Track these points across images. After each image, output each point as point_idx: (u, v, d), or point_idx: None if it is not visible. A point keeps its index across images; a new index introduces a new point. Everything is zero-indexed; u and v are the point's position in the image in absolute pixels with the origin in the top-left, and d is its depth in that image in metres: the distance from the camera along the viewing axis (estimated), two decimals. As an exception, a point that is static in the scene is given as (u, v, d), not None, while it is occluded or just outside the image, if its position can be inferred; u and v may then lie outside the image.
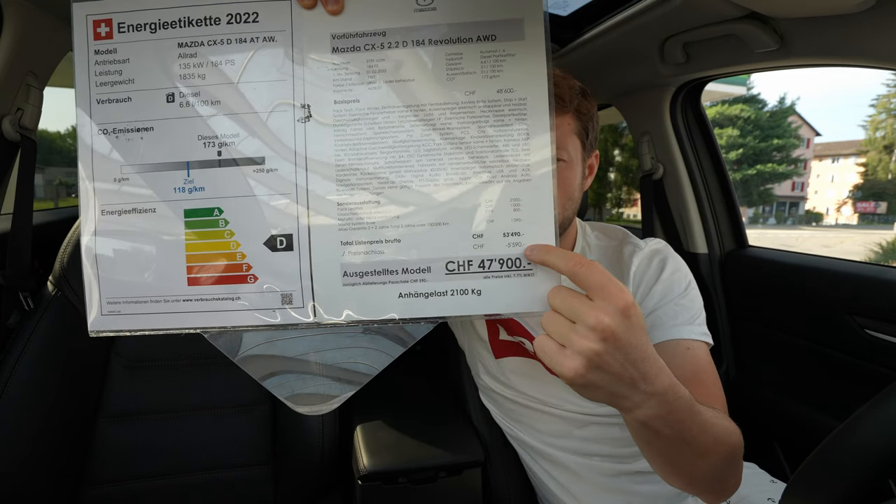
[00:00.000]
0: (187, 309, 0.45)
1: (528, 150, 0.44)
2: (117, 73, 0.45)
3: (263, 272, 0.45)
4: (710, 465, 0.49)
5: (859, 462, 0.42)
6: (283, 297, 0.45)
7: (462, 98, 0.45)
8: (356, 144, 0.44)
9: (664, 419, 0.43)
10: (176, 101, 0.45)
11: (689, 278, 0.72)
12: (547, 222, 0.44)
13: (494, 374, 0.85)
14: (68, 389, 0.82)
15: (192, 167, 0.45)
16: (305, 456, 0.89)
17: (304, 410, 0.50)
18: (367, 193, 0.45)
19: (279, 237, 0.45)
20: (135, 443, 0.88)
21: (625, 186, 9.29)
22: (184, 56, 0.45)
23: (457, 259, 0.45)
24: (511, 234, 0.45)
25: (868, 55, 0.74)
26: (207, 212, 0.45)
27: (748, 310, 1.21)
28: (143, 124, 0.45)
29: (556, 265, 0.42)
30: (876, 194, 23.20)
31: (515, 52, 0.44)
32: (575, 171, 0.69)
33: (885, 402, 0.43)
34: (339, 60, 0.45)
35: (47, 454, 0.79)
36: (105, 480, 0.87)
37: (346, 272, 0.45)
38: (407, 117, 0.45)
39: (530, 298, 0.44)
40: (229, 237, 0.45)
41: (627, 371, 0.39)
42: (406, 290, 0.45)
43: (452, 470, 0.84)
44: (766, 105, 20.04)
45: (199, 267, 0.45)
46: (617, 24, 0.93)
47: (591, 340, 0.38)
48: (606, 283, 0.38)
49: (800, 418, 1.02)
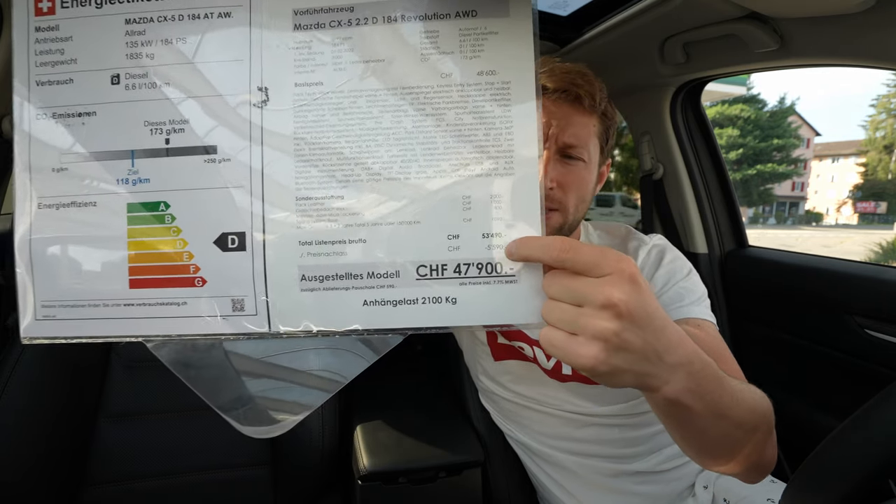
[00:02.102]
0: (129, 315, 0.41)
1: (511, 141, 0.40)
2: (59, 53, 0.41)
3: (212, 275, 0.40)
4: (748, 437, 0.45)
5: (859, 462, 0.42)
6: (234, 303, 0.40)
7: (438, 81, 0.40)
8: (319, 132, 0.40)
9: (694, 392, 0.38)
10: (121, 84, 0.41)
11: (689, 266, 0.73)
12: (532, 222, 0.39)
13: (493, 377, 0.85)
14: (68, 389, 0.82)
15: (137, 156, 0.41)
16: (305, 456, 0.89)
17: (248, 432, 0.44)
18: (330, 187, 0.40)
19: (230, 235, 0.40)
20: (135, 443, 0.88)
21: (625, 186, 9.29)
22: (131, 34, 0.41)
23: (429, 262, 0.40)
24: (491, 235, 0.39)
25: (868, 55, 0.74)
26: (152, 206, 0.41)
27: (748, 310, 1.21)
28: (85, 108, 0.41)
29: (539, 257, 0.37)
30: (876, 194, 23.21)
31: (499, 30, 0.40)
32: (591, 174, 0.69)
33: (885, 403, 0.43)
34: (302, 39, 0.40)
35: (47, 454, 0.79)
36: (105, 480, 0.87)
37: (304, 276, 0.40)
38: (376, 102, 0.40)
39: (512, 309, 0.39)
40: (175, 235, 0.41)
41: (650, 344, 0.35)
42: (372, 298, 0.40)
43: (452, 470, 0.84)
44: (766, 105, 20.06)
45: (142, 268, 0.41)
46: (617, 24, 0.93)
47: (605, 320, 0.33)
48: (601, 258, 0.34)
49: (800, 418, 1.02)
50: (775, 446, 0.50)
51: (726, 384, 0.41)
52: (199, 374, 0.44)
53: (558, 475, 0.79)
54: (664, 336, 0.36)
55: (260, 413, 0.45)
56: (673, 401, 0.38)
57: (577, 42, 1.08)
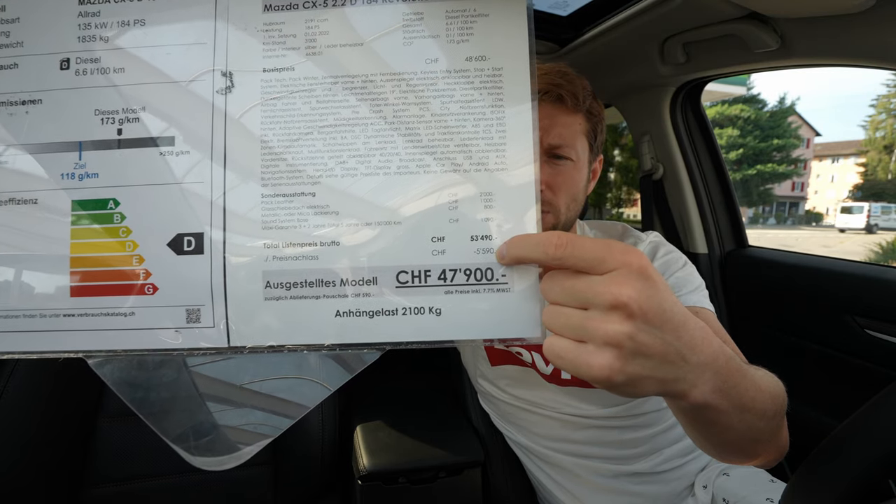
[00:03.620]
0: (68, 326, 0.36)
1: (503, 133, 0.36)
2: (3, 35, 0.37)
3: (165, 281, 0.36)
4: (770, 426, 0.42)
5: (859, 462, 0.42)
6: (189, 314, 0.36)
7: (422, 67, 0.36)
8: (289, 122, 0.36)
9: (722, 391, 0.34)
10: (71, 69, 0.37)
11: (685, 259, 0.73)
12: (527, 222, 0.35)
13: (491, 380, 0.85)
14: (68, 388, 0.82)
15: (86, 148, 0.37)
16: (306, 456, 0.89)
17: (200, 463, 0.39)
18: (301, 183, 0.36)
19: (186, 237, 0.36)
20: (135, 443, 0.88)
21: (625, 186, 9.28)
22: (84, 15, 0.37)
23: (411, 268, 0.35)
24: (480, 238, 0.35)
25: (868, 55, 0.74)
26: (100, 203, 0.36)
27: (748, 310, 1.21)
28: (29, 96, 0.37)
29: (534, 258, 0.33)
30: (876, 194, 23.21)
31: (489, 12, 0.36)
32: (581, 173, 0.69)
33: (885, 403, 0.43)
34: (272, 20, 0.37)
35: (47, 454, 0.79)
36: (105, 480, 0.87)
37: (269, 283, 0.35)
38: (353, 90, 0.36)
39: (505, 321, 0.35)
40: (125, 236, 0.36)
41: (671, 345, 0.30)
42: (345, 308, 0.35)
43: (452, 470, 0.84)
44: (766, 105, 20.04)
45: (86, 273, 0.36)
46: (617, 24, 0.93)
47: (615, 322, 0.29)
48: (605, 251, 0.30)
49: (800, 418, 1.02)
50: (786, 429, 0.47)
51: (748, 373, 0.38)
52: (147, 396, 0.39)
53: (558, 476, 0.79)
54: (686, 333, 0.31)
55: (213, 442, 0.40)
56: (702, 405, 0.34)
57: (577, 42, 1.08)
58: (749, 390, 0.37)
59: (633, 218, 8.92)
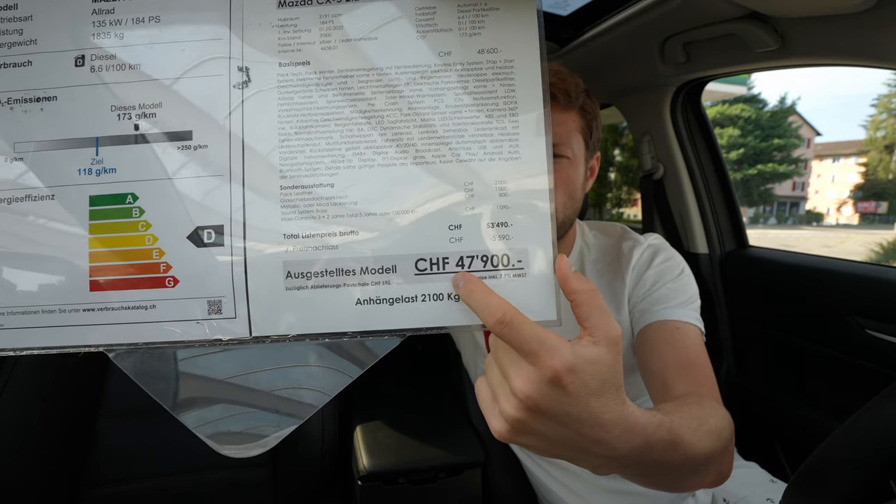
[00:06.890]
0: (88, 321, 0.36)
1: (515, 122, 0.37)
2: (17, 33, 0.38)
3: (186, 274, 0.36)
4: (707, 468, 0.43)
5: (860, 462, 0.42)
6: (210, 305, 0.36)
7: (435, 60, 0.37)
8: (305, 115, 0.37)
9: (640, 464, 0.36)
10: (86, 66, 0.37)
11: (682, 266, 0.72)
12: (541, 209, 0.36)
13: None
14: (67, 388, 0.83)
15: (103, 144, 0.37)
16: (305, 456, 0.89)
17: (228, 452, 0.40)
18: (319, 175, 0.37)
19: (207, 229, 0.36)
20: (135, 443, 0.88)
21: (625, 186, 9.28)
22: (99, 12, 0.37)
23: (429, 256, 0.36)
24: (497, 225, 0.36)
25: (868, 55, 0.74)
26: (119, 198, 0.37)
27: (749, 310, 1.21)
28: (44, 93, 0.37)
29: (479, 315, 0.34)
30: (877, 194, 23.18)
31: (500, 6, 0.37)
32: (578, 170, 0.69)
33: (886, 403, 0.43)
34: (287, 15, 0.38)
35: (47, 454, 0.79)
36: (105, 480, 0.87)
37: (290, 272, 0.36)
38: (368, 83, 0.37)
39: (521, 304, 0.35)
40: (144, 230, 0.37)
41: (569, 439, 0.32)
42: (366, 296, 0.36)
43: (452, 470, 0.84)
44: (766, 105, 20.04)
45: (105, 268, 0.36)
46: (617, 24, 0.93)
47: (512, 406, 0.32)
48: (536, 347, 0.31)
49: (800, 418, 1.02)
50: (732, 458, 0.48)
51: (680, 444, 0.37)
52: (170, 387, 0.40)
53: (559, 475, 0.79)
54: (596, 433, 0.32)
55: (240, 431, 0.40)
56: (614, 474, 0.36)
57: (577, 42, 1.08)
58: (676, 457, 0.37)
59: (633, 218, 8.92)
